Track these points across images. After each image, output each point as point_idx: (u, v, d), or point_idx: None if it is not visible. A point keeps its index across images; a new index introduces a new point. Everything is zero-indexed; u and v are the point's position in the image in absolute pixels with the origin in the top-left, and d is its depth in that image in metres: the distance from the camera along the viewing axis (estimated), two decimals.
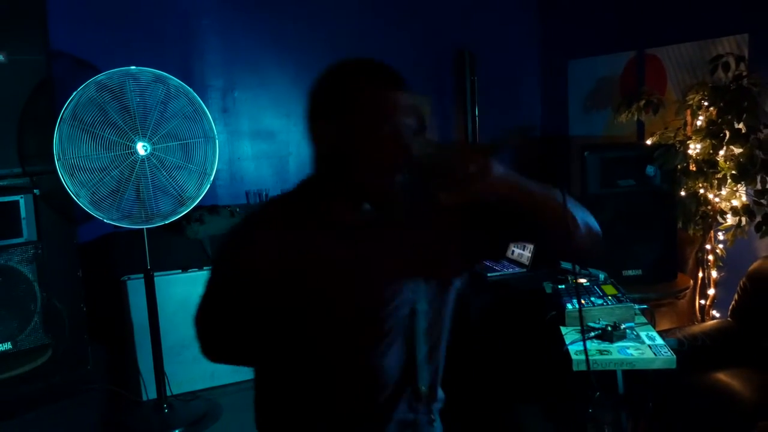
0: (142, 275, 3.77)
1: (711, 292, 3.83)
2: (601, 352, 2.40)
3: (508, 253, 3.95)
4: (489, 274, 3.64)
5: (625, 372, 2.61)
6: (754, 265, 3.50)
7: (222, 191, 4.82)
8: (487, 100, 5.28)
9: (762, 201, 3.44)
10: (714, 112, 3.60)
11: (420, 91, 4.65)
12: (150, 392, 3.91)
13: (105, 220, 3.51)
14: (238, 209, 4.37)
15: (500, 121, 5.38)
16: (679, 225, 3.79)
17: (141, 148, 3.54)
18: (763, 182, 3.47)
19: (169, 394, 3.84)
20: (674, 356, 2.32)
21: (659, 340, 2.47)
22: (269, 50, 4.98)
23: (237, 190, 4.90)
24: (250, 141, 4.95)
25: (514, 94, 5.58)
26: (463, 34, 5.34)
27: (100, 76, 3.45)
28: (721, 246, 3.78)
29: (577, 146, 4.39)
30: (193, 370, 4.04)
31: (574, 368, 2.37)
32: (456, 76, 5.36)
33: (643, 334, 2.53)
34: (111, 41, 4.28)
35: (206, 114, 3.74)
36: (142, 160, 3.54)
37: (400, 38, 5.25)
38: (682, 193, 3.71)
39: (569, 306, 2.71)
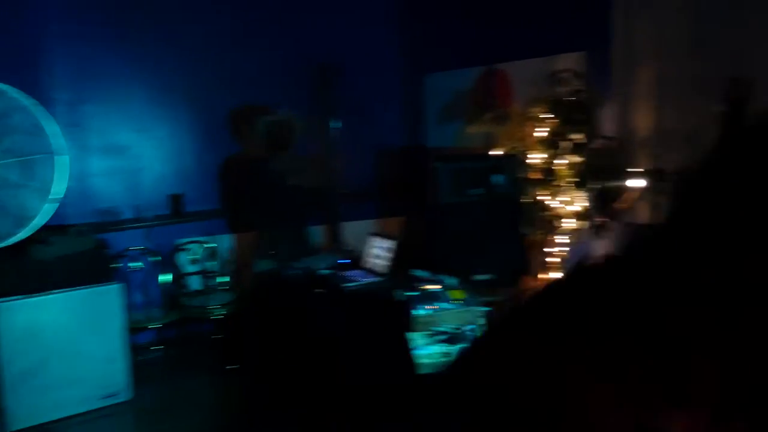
0: None
1: None
2: (445, 354, 2.48)
3: (364, 263, 4.00)
4: (345, 285, 3.66)
5: None
6: None
7: (71, 210, 4.57)
8: (349, 113, 5.34)
9: (595, 203, 3.69)
10: (554, 124, 3.82)
11: (282, 104, 4.62)
12: None
13: None
14: (86, 228, 4.16)
15: (362, 133, 5.46)
16: (525, 230, 3.99)
17: None
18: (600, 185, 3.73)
19: (9, 430, 3.57)
20: None
21: None
22: (122, 64, 4.79)
23: (87, 208, 4.67)
24: (101, 157, 4.74)
25: (374, 107, 5.68)
26: (324, 48, 5.37)
27: None
28: (563, 249, 4.00)
29: (432, 157, 4.54)
30: (37, 401, 3.79)
31: (420, 371, 2.43)
32: (318, 90, 5.39)
33: None
34: None
35: (50, 128, 3.54)
36: None
37: (261, 52, 5.23)
38: (526, 200, 3.90)
39: (418, 312, 2.78)
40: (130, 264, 4.57)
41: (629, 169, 3.39)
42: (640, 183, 3.30)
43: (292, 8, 5.36)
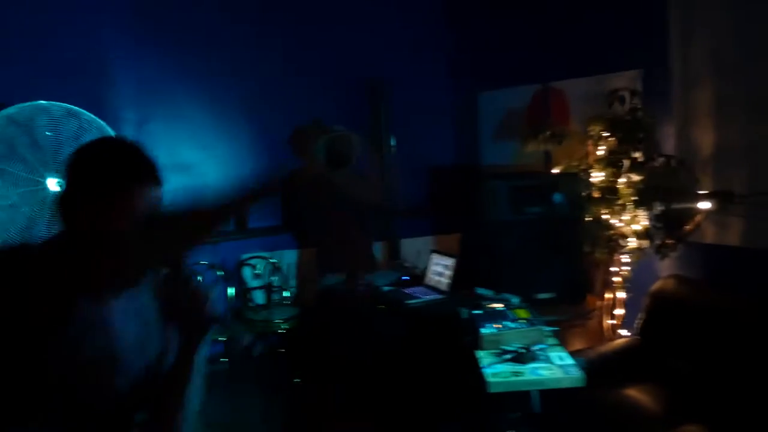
0: None
1: (618, 312, 4.03)
2: (515, 373, 2.51)
3: (427, 280, 4.05)
4: (408, 302, 3.72)
5: (541, 391, 2.72)
6: (656, 285, 3.73)
7: None
8: (402, 131, 5.42)
9: (659, 225, 3.68)
10: (613, 142, 3.83)
11: (337, 122, 4.70)
12: None
13: None
14: None
15: (416, 150, 5.53)
16: (587, 249, 3.99)
17: (55, 184, 3.45)
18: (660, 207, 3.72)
19: None
20: (582, 374, 2.45)
21: (569, 360, 2.60)
22: (183, 82, 4.96)
23: None
24: (166, 174, 4.89)
25: (428, 124, 5.74)
26: (377, 65, 5.46)
27: (9, 110, 3.36)
28: (626, 268, 3.99)
29: (488, 175, 4.57)
30: None
31: (490, 390, 2.46)
32: (371, 107, 5.47)
33: (553, 355, 2.66)
34: (19, 76, 4.18)
35: None
36: (54, 196, 3.46)
37: (314, 69, 5.34)
38: (588, 219, 3.90)
39: (484, 330, 2.81)
40: (198, 278, 4.70)
41: (694, 191, 3.36)
42: (705, 205, 3.28)
43: (345, 27, 5.46)
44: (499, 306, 3.20)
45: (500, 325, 2.87)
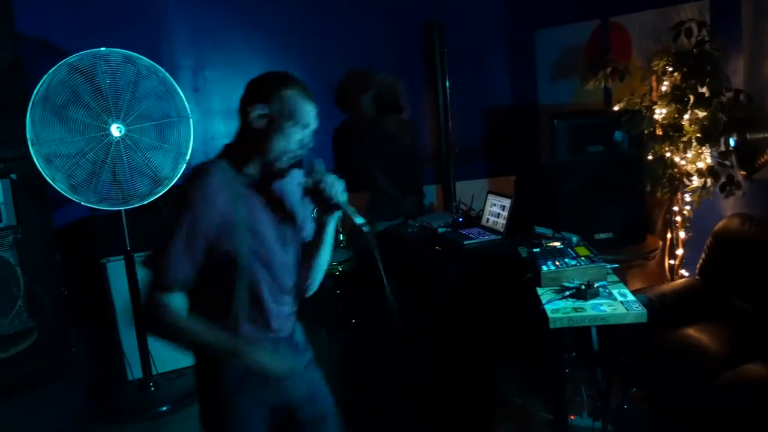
0: (121, 257, 3.78)
1: (679, 252, 3.96)
2: (576, 309, 2.49)
3: (483, 221, 4.03)
4: (465, 242, 3.72)
5: (599, 330, 2.71)
6: (719, 224, 3.63)
7: None
8: (456, 72, 5.33)
9: (726, 162, 3.56)
10: (678, 78, 3.69)
11: (390, 66, 4.72)
12: (135, 372, 3.95)
13: (83, 203, 3.51)
14: None
15: (470, 91, 5.45)
16: (648, 188, 3.90)
17: (115, 129, 3.54)
18: (726, 144, 3.59)
19: (154, 373, 3.88)
20: (645, 310, 2.42)
21: (630, 297, 2.57)
22: (238, 29, 4.97)
23: None
24: (222, 120, 4.95)
25: (482, 65, 5.64)
26: (430, 6, 5.36)
27: (71, 58, 3.43)
28: (687, 207, 3.90)
29: (546, 115, 4.47)
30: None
31: (551, 326, 2.46)
32: (425, 49, 5.40)
33: (615, 292, 2.63)
34: (78, 23, 4.25)
35: (179, 93, 3.74)
36: (117, 142, 3.54)
37: (368, 13, 5.27)
38: (650, 158, 3.80)
39: (544, 268, 2.80)
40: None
41: (767, 122, 3.22)
42: None
43: None
44: (558, 244, 3.16)
45: (560, 263, 2.85)
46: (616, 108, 4.11)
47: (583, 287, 2.62)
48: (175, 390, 3.87)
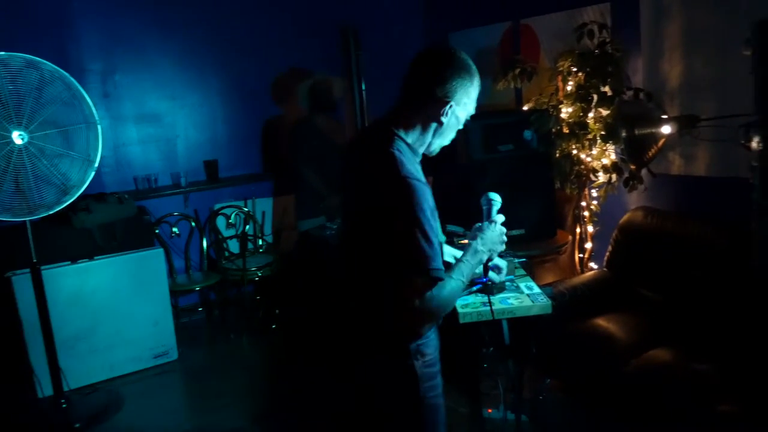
0: (28, 270, 3.63)
1: (588, 245, 4.10)
2: (484, 304, 2.54)
3: None
4: None
5: (510, 323, 2.77)
6: (624, 217, 3.79)
7: (108, 178, 4.70)
8: (372, 75, 5.36)
9: (625, 156, 3.70)
10: (582, 77, 3.82)
11: (311, 68, 4.65)
12: (46, 389, 3.79)
13: None
14: (126, 196, 4.27)
15: (387, 93, 5.47)
16: (557, 185, 4.02)
17: (17, 137, 3.39)
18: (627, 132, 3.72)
19: (66, 389, 3.74)
20: (550, 302, 2.49)
21: (537, 289, 2.64)
22: (151, 32, 4.86)
23: (124, 176, 4.78)
24: (135, 125, 4.83)
25: (398, 67, 5.66)
26: (346, 9, 5.38)
27: None
28: (595, 202, 4.04)
29: None
30: (89, 363, 3.97)
31: (461, 320, 2.50)
32: (342, 52, 5.41)
33: (522, 285, 2.69)
34: None
35: (85, 99, 3.61)
36: (20, 150, 3.40)
37: (285, 17, 5.26)
38: (557, 155, 3.92)
39: None
40: (172, 229, 4.68)
41: (659, 117, 3.37)
42: (668, 129, 3.29)
43: None
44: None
45: None
46: (525, 108, 4.22)
47: (489, 283, 2.67)
48: (88, 406, 3.74)
